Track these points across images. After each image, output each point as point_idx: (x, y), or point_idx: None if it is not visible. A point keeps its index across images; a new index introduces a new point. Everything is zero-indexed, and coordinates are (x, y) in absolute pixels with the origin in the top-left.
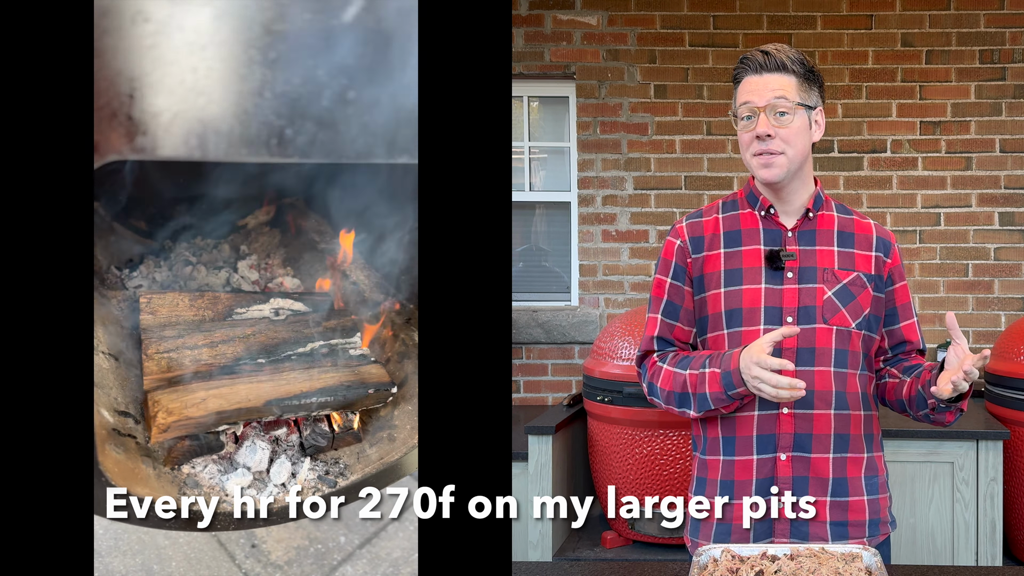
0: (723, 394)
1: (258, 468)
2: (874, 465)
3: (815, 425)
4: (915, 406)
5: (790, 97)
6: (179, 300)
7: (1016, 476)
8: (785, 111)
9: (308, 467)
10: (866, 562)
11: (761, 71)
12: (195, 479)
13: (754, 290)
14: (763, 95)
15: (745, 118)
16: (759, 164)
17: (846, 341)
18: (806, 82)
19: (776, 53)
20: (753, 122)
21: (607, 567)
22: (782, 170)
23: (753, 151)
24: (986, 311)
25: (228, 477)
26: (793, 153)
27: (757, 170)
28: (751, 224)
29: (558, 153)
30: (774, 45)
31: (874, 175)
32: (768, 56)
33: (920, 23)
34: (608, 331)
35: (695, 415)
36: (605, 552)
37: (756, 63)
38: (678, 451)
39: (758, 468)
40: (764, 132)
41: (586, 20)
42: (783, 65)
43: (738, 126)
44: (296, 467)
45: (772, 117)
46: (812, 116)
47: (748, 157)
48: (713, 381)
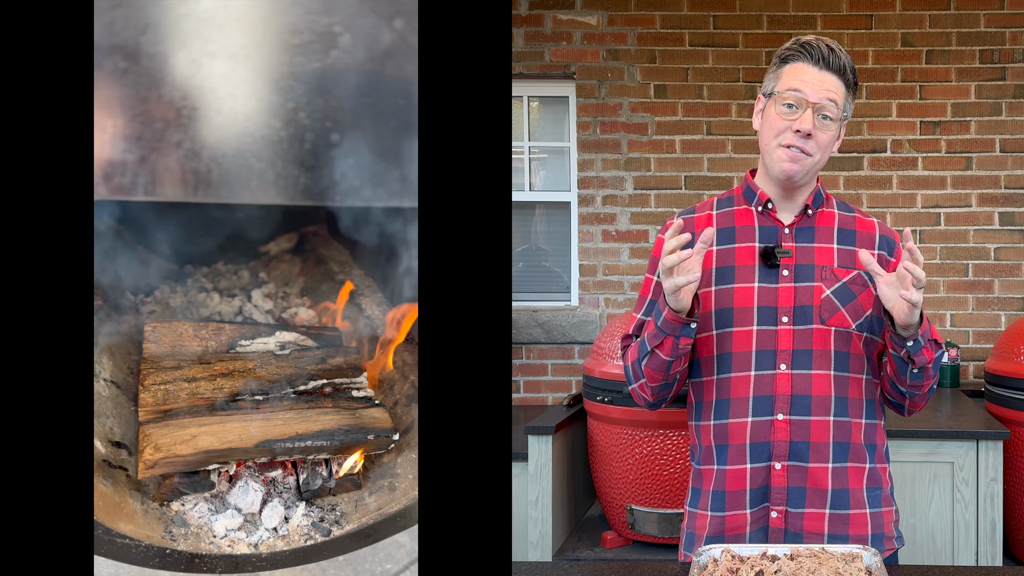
0: (655, 329)
1: (249, 510)
2: (877, 476)
3: (812, 432)
4: (901, 374)
5: (839, 104)
6: (183, 329)
7: (1016, 476)
8: (830, 116)
9: (302, 512)
10: (866, 562)
11: (821, 65)
12: (183, 517)
13: (746, 289)
14: (817, 91)
15: (788, 105)
16: (785, 156)
17: (846, 343)
18: (851, 93)
19: (840, 53)
20: (796, 113)
21: (607, 567)
22: (804, 170)
23: (783, 141)
24: (986, 311)
25: (217, 518)
26: (819, 159)
27: (779, 161)
28: (747, 221)
29: (558, 153)
30: (835, 43)
31: (874, 175)
32: (833, 54)
33: (920, 23)
34: (608, 331)
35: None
36: (605, 552)
37: (819, 54)
38: (678, 451)
39: (751, 478)
40: (807, 129)
41: (586, 20)
42: (842, 69)
43: (774, 108)
44: (289, 511)
45: (817, 117)
46: (841, 128)
47: (773, 144)
48: (649, 324)
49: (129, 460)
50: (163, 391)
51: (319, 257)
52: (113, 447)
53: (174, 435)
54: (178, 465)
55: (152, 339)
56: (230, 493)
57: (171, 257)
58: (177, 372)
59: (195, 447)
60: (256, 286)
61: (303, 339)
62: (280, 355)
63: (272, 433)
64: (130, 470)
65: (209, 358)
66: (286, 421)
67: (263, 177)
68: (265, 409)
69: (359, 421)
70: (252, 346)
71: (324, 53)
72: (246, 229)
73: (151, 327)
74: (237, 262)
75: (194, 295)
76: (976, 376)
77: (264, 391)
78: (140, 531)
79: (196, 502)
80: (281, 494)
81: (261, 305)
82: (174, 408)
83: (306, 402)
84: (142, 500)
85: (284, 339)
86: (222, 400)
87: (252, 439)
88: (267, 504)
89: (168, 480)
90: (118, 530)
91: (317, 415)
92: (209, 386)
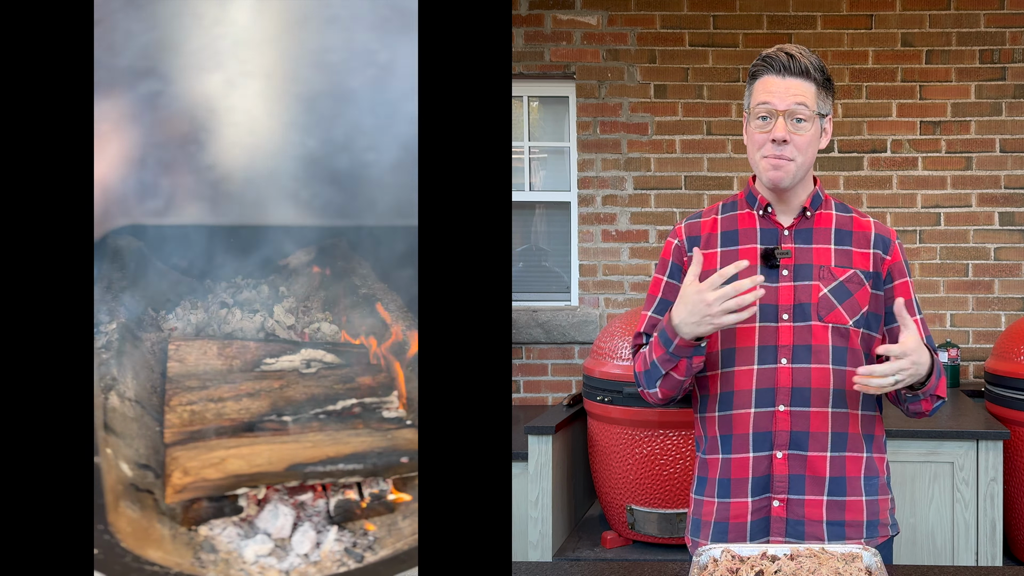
0: (666, 354)
1: (279, 535)
2: (874, 466)
3: (812, 423)
4: (898, 402)
5: (810, 105)
6: (208, 348)
7: (1016, 476)
8: (803, 118)
9: (334, 537)
10: (866, 562)
11: (784, 73)
12: (212, 543)
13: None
14: (784, 99)
15: (761, 118)
16: (768, 166)
17: (844, 339)
18: (823, 90)
19: (800, 58)
20: (770, 124)
21: (607, 567)
22: (789, 175)
23: (764, 152)
24: (986, 311)
25: (247, 543)
26: (803, 160)
27: (765, 171)
28: (748, 224)
29: (558, 153)
30: (797, 48)
31: (874, 175)
32: (793, 59)
33: (920, 23)
34: (608, 331)
35: (661, 392)
36: (605, 552)
37: (780, 64)
38: (678, 451)
39: (754, 466)
40: (781, 137)
41: (586, 20)
42: (806, 71)
43: (751, 124)
44: (321, 536)
45: (790, 123)
46: (823, 124)
47: (757, 157)
48: (656, 345)
49: (155, 483)
50: (189, 412)
51: (339, 270)
52: (140, 469)
53: (202, 458)
54: (207, 490)
55: (176, 358)
56: (259, 517)
57: (188, 271)
58: (203, 392)
59: (224, 471)
60: (277, 300)
61: (329, 356)
62: (306, 373)
63: (302, 456)
64: (156, 493)
65: (235, 377)
66: (316, 443)
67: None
68: (294, 431)
69: (392, 443)
70: (277, 364)
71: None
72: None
73: (175, 346)
74: (256, 276)
75: (215, 311)
76: (976, 376)
77: (292, 412)
78: (169, 558)
79: (225, 527)
80: (311, 518)
81: (283, 320)
82: (201, 429)
83: (336, 423)
84: (171, 525)
85: (309, 356)
86: (249, 421)
87: (282, 462)
88: (297, 528)
89: (196, 504)
90: (147, 557)
91: (348, 436)
92: (236, 407)
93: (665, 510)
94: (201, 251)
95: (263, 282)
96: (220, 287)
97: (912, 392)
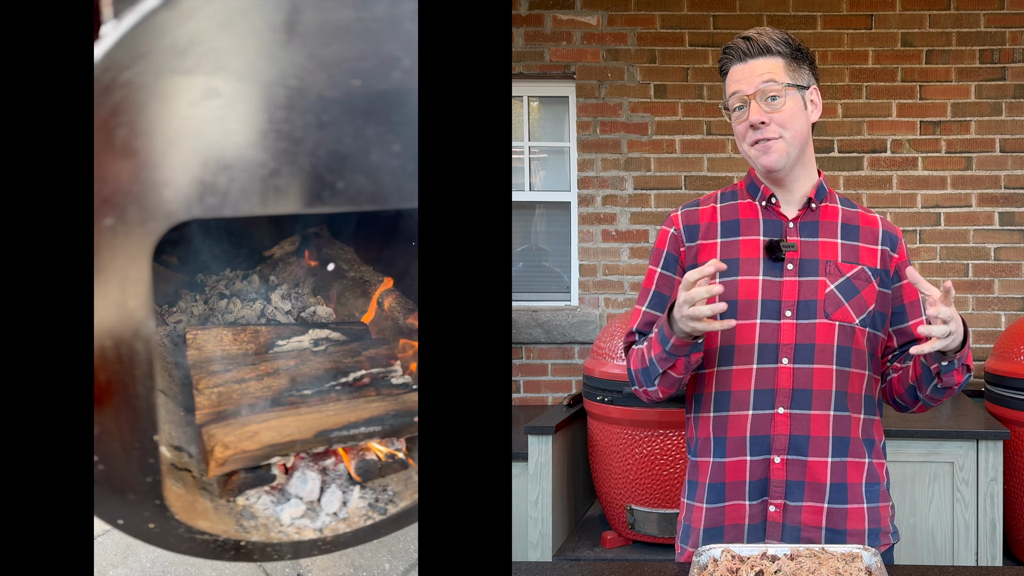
0: (663, 352)
1: (310, 498)
2: (875, 472)
3: (812, 426)
4: (924, 384)
5: (779, 79)
6: (223, 335)
7: (1016, 476)
8: (776, 95)
9: (358, 495)
10: (866, 562)
11: (745, 58)
12: (251, 511)
13: (751, 281)
14: (751, 82)
15: (737, 108)
16: (757, 152)
17: (849, 338)
18: (794, 62)
19: (758, 37)
20: (745, 111)
21: (607, 567)
22: (781, 155)
23: (749, 140)
24: (986, 311)
25: (282, 508)
26: (791, 136)
27: (756, 159)
28: (751, 214)
29: (558, 153)
30: (756, 29)
31: (874, 175)
32: (750, 41)
33: (920, 23)
34: (608, 331)
35: (660, 389)
36: (605, 552)
37: (739, 51)
38: (678, 451)
39: (751, 470)
40: (757, 120)
41: (586, 20)
42: (767, 48)
43: (731, 119)
44: (347, 495)
45: (763, 103)
46: (806, 96)
47: (746, 148)
48: (654, 343)
49: (191, 462)
50: (217, 393)
51: (324, 257)
52: (176, 451)
53: (237, 432)
54: (245, 460)
55: (195, 346)
56: (289, 483)
57: (179, 267)
58: (227, 375)
59: (259, 442)
60: (271, 289)
61: (335, 334)
62: (316, 351)
63: (327, 423)
64: (193, 471)
65: (252, 360)
66: (337, 411)
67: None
68: (315, 403)
69: (404, 405)
70: (288, 345)
71: None
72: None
73: (192, 334)
74: (244, 268)
75: (215, 302)
76: (976, 376)
77: (310, 386)
78: (216, 526)
79: (259, 495)
80: (336, 480)
81: (281, 306)
82: (230, 408)
83: (351, 392)
84: (211, 498)
85: (317, 336)
86: (273, 397)
87: (310, 430)
88: (324, 491)
89: (233, 476)
90: (198, 527)
91: (364, 404)
92: (259, 385)
93: (665, 510)
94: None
95: (252, 272)
96: (211, 280)
97: (948, 361)
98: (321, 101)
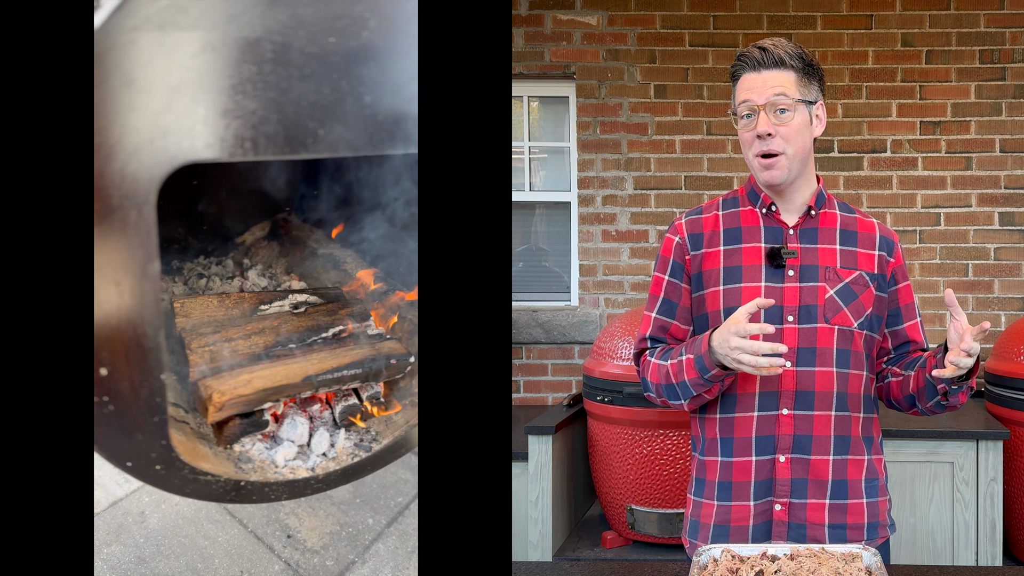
0: (700, 379)
1: (300, 441)
2: (874, 468)
3: (815, 426)
4: (925, 397)
5: (790, 94)
6: (208, 302)
7: (1016, 476)
8: (785, 108)
9: (344, 437)
10: (866, 562)
11: (759, 68)
12: (247, 455)
13: (754, 288)
14: (762, 93)
15: (745, 116)
16: (761, 167)
17: (848, 341)
18: (805, 77)
19: (774, 49)
20: (753, 121)
21: (607, 567)
22: (784, 171)
23: (755, 151)
24: (986, 311)
25: (276, 451)
26: (794, 151)
27: (759, 172)
28: (752, 222)
29: (558, 153)
30: (771, 40)
31: (874, 175)
32: (766, 52)
33: (920, 23)
34: (608, 331)
35: (687, 406)
36: (605, 552)
37: (754, 60)
38: (678, 451)
39: (757, 470)
40: (765, 131)
41: (586, 20)
42: (781, 61)
43: (738, 125)
44: (334, 437)
45: (772, 115)
46: (813, 111)
47: (750, 157)
48: (689, 367)
49: (188, 416)
50: (208, 351)
51: (294, 239)
52: (173, 407)
53: (232, 381)
54: (241, 405)
55: (183, 313)
56: (281, 429)
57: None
58: (216, 335)
59: (253, 388)
60: (246, 270)
61: (313, 298)
62: (298, 313)
63: (313, 369)
64: (191, 423)
65: (239, 321)
66: (322, 359)
67: None
68: (299, 354)
69: (380, 351)
70: (271, 309)
71: None
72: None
73: (179, 304)
74: (217, 254)
75: (194, 282)
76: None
77: (295, 341)
78: (217, 468)
79: (253, 442)
80: (323, 424)
81: (258, 283)
82: (222, 364)
83: (333, 344)
84: (209, 445)
85: (297, 300)
86: (261, 352)
87: (298, 376)
88: (313, 435)
89: (229, 423)
90: (201, 468)
91: (345, 352)
92: (247, 343)
93: (665, 510)
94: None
95: (226, 258)
96: (187, 266)
97: (958, 384)
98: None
